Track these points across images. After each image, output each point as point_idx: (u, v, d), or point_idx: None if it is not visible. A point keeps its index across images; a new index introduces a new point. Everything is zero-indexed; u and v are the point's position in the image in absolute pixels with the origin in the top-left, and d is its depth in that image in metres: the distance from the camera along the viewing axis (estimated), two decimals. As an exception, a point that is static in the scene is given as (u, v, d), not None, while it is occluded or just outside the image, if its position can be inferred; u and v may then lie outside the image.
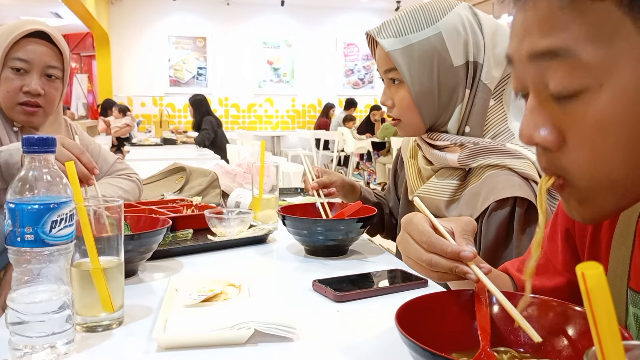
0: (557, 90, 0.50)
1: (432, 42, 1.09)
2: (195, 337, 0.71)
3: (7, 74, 1.32)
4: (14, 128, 1.37)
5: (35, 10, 9.62)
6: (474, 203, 1.05)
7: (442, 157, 1.13)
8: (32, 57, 1.33)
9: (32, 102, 1.34)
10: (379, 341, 0.74)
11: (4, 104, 1.34)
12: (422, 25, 1.10)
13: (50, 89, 1.36)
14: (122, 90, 9.60)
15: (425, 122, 1.14)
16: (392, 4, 9.86)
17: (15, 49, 1.31)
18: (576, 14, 0.48)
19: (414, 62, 1.10)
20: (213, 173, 1.76)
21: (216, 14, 9.83)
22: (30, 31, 1.32)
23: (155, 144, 6.06)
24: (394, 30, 1.12)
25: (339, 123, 8.70)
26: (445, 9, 1.12)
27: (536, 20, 0.50)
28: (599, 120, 0.48)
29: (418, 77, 1.10)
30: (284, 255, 1.19)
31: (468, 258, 0.64)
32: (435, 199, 1.13)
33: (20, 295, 0.65)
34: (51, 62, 1.36)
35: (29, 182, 0.65)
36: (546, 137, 0.52)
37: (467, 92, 1.11)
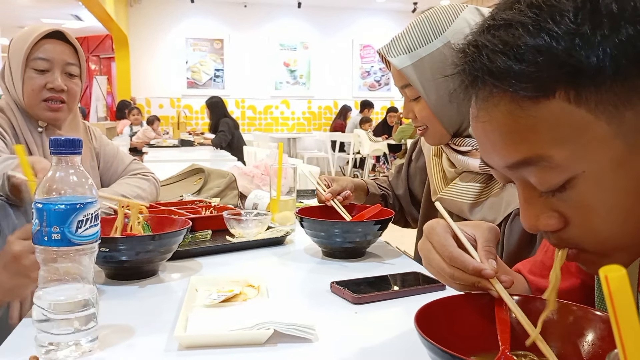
0: (542, 189, 0.52)
1: (442, 52, 1.08)
2: (215, 336, 0.72)
3: (30, 74, 1.38)
4: (38, 129, 1.42)
5: (55, 12, 9.77)
6: (497, 207, 1.04)
7: (464, 162, 1.12)
8: (52, 55, 1.38)
9: (57, 98, 1.39)
10: (397, 343, 0.74)
11: (29, 102, 1.38)
12: (430, 37, 1.09)
13: (71, 85, 1.42)
14: (141, 91, 9.70)
15: (448, 130, 1.14)
16: (408, 5, 9.83)
17: (35, 50, 1.37)
18: (533, 122, 0.48)
19: (426, 75, 1.10)
20: (231, 175, 1.77)
21: (233, 16, 9.89)
22: (48, 32, 1.38)
23: (172, 145, 6.12)
24: (403, 47, 1.11)
25: (355, 125, 8.70)
26: (451, 16, 1.10)
27: (498, 134, 0.51)
28: (593, 201, 0.50)
29: (433, 89, 1.10)
30: (302, 256, 1.20)
31: (489, 276, 0.64)
32: (458, 202, 1.13)
33: (46, 293, 0.67)
34: (70, 59, 1.42)
35: (56, 182, 0.66)
36: (549, 223, 0.53)
37: None
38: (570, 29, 0.45)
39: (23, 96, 1.38)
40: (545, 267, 0.81)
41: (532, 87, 0.47)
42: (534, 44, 0.46)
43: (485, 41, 0.49)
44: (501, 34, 0.48)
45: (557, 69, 0.46)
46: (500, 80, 0.48)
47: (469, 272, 0.65)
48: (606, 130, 0.47)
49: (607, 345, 0.55)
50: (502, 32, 0.48)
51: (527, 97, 0.48)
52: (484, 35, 0.50)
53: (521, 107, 0.48)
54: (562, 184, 0.50)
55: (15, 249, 0.78)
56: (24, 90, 1.38)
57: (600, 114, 0.47)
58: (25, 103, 1.39)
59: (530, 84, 0.47)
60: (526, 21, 0.47)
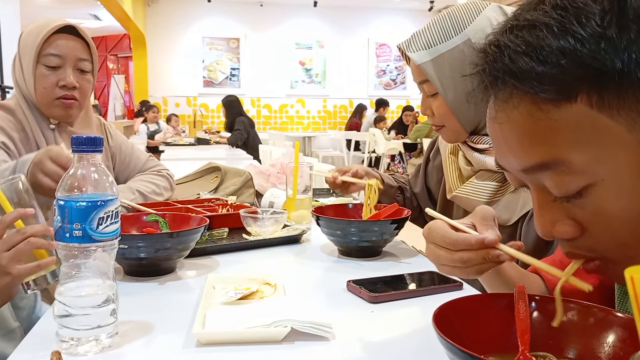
0: (559, 194, 0.51)
1: (462, 50, 1.07)
2: (233, 333, 0.73)
3: (42, 71, 1.36)
4: (50, 126, 1.41)
5: (74, 12, 9.89)
6: (513, 207, 1.04)
7: (481, 160, 1.12)
8: (64, 51, 1.36)
9: (69, 96, 1.38)
10: (413, 343, 0.74)
11: (42, 100, 1.37)
12: (451, 33, 1.08)
13: (83, 82, 1.40)
14: (158, 90, 9.78)
15: (465, 127, 1.13)
16: (425, 4, 9.77)
17: (47, 46, 1.35)
18: (553, 125, 0.48)
19: (445, 72, 1.09)
20: (247, 173, 1.78)
21: (249, 15, 9.93)
22: (60, 26, 1.36)
23: (189, 144, 6.16)
24: (423, 42, 1.11)
25: (371, 124, 8.68)
26: (472, 13, 1.09)
27: (515, 136, 0.51)
28: (611, 208, 0.49)
29: (451, 87, 1.09)
30: (318, 255, 1.20)
31: (493, 241, 0.64)
32: (473, 200, 1.12)
33: (67, 289, 0.68)
34: (82, 55, 1.40)
35: (78, 180, 0.67)
36: (565, 230, 0.52)
37: None
38: (596, 32, 0.44)
39: (35, 93, 1.37)
40: (564, 266, 0.80)
41: (554, 89, 0.46)
42: (559, 45, 0.45)
43: (508, 41, 0.49)
44: (524, 35, 0.48)
45: (581, 72, 0.45)
46: (522, 82, 0.48)
47: (474, 247, 0.65)
48: (627, 137, 0.46)
49: (629, 347, 0.55)
50: (526, 32, 0.48)
51: (549, 100, 0.47)
52: (507, 35, 0.50)
53: (542, 110, 0.48)
54: (579, 190, 0.49)
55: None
56: (36, 88, 1.37)
57: (622, 120, 0.46)
58: (37, 100, 1.38)
59: (552, 86, 0.46)
60: (551, 22, 0.46)
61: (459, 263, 0.67)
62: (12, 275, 0.79)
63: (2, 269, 0.79)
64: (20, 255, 0.80)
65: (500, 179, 1.10)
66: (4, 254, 0.79)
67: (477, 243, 0.65)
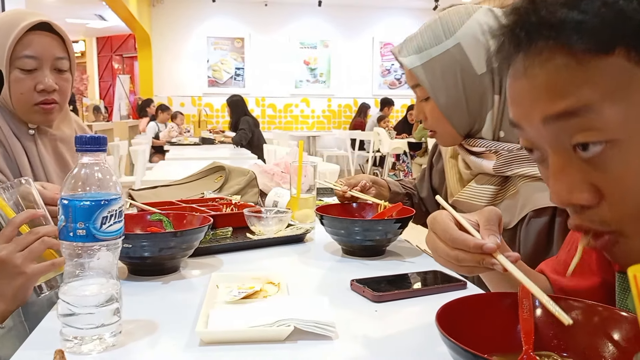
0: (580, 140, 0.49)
1: (453, 54, 1.07)
2: (236, 332, 0.73)
3: (17, 75, 1.21)
4: (29, 131, 1.27)
5: (79, 12, 9.93)
6: (512, 210, 1.03)
7: (478, 164, 1.12)
8: (40, 52, 1.21)
9: (49, 100, 1.24)
10: (417, 342, 0.74)
11: (20, 107, 1.23)
12: (441, 38, 1.09)
13: (62, 82, 1.27)
14: (163, 90, 9.81)
15: (459, 131, 1.13)
16: (430, 3, 9.75)
17: (20, 47, 1.19)
18: (587, 73, 0.47)
19: (436, 77, 1.09)
20: (251, 172, 1.78)
21: (254, 15, 9.94)
22: (33, 24, 1.20)
23: (194, 143, 6.18)
24: (414, 47, 1.11)
25: (375, 123, 8.67)
26: (463, 18, 1.09)
27: (544, 85, 0.50)
28: (633, 174, 0.48)
29: (442, 90, 1.10)
30: (322, 254, 1.20)
31: (491, 250, 0.63)
32: (474, 204, 1.12)
33: (71, 287, 0.68)
34: (59, 53, 1.25)
35: (82, 179, 0.68)
36: (584, 196, 0.51)
37: (496, 98, 1.09)
38: None
39: (11, 99, 1.22)
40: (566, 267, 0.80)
41: (592, 41, 0.46)
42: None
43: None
44: None
45: (621, 25, 0.45)
46: (559, 33, 0.47)
47: (471, 250, 0.65)
48: None
49: (633, 346, 0.54)
50: None
51: (585, 51, 0.47)
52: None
53: (577, 61, 0.47)
54: (602, 148, 0.48)
55: (1, 254, 0.79)
56: (11, 94, 1.22)
57: None
58: (13, 107, 1.23)
59: (591, 37, 0.46)
60: None
61: (454, 260, 0.67)
62: (26, 274, 0.79)
63: (17, 269, 0.79)
64: (34, 254, 0.80)
65: (499, 183, 1.10)
66: (18, 254, 0.80)
67: (474, 247, 0.64)
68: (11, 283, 0.80)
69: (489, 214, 0.71)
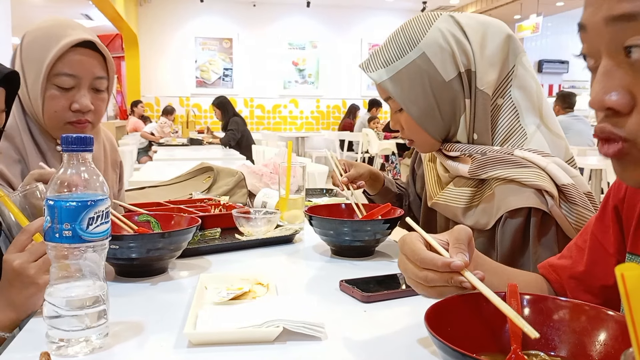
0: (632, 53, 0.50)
1: (418, 64, 1.09)
2: (225, 334, 0.72)
3: (53, 92, 1.16)
4: (57, 147, 1.23)
5: (66, 11, 9.84)
6: (489, 212, 1.05)
7: (455, 167, 1.13)
8: (80, 71, 1.17)
9: (83, 120, 1.19)
10: (406, 342, 0.74)
11: (51, 124, 1.19)
12: (405, 49, 1.10)
13: (98, 102, 1.22)
14: (150, 90, 9.75)
15: (435, 138, 1.15)
16: (418, 4, 9.81)
17: (60, 64, 1.15)
18: None
19: (405, 88, 1.10)
20: (240, 173, 1.77)
21: (242, 15, 9.91)
22: (76, 42, 1.15)
23: (182, 144, 6.15)
24: (381, 61, 1.12)
25: (364, 124, 8.69)
26: (424, 27, 1.10)
27: None
28: None
29: (413, 101, 1.11)
30: (311, 255, 1.20)
31: (458, 267, 0.63)
32: (452, 206, 1.13)
33: (57, 289, 0.68)
34: (99, 73, 1.21)
35: (67, 180, 0.67)
36: (618, 100, 0.52)
37: (467, 102, 1.10)
38: None
39: (43, 115, 1.18)
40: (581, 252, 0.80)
41: None
42: None
43: None
44: None
45: None
46: None
47: (439, 269, 0.64)
48: None
49: (620, 345, 0.55)
50: None
51: None
52: None
53: None
54: None
55: (15, 263, 0.78)
56: (45, 110, 1.17)
57: None
58: (45, 123, 1.19)
59: None
60: None
61: (423, 281, 0.67)
62: (39, 285, 0.78)
63: (30, 279, 0.78)
64: (48, 265, 0.77)
65: (475, 185, 1.11)
66: (32, 264, 0.78)
67: (442, 266, 0.64)
68: (23, 292, 0.79)
69: (458, 233, 0.70)
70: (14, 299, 0.79)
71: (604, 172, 4.53)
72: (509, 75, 1.11)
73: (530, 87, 1.11)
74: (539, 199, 0.99)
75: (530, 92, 1.11)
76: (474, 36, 1.09)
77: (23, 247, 0.80)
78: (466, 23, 1.10)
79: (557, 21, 10.96)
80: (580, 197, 1.02)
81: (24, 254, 0.79)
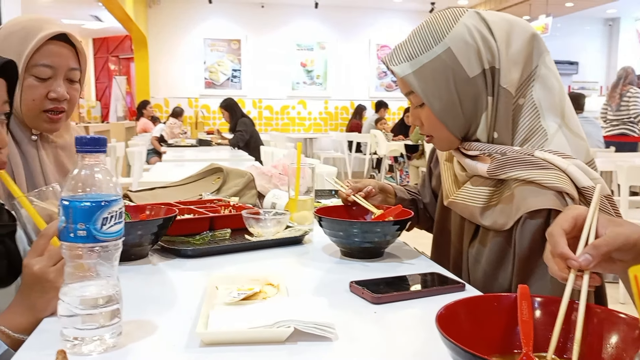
0: None
1: (443, 59, 1.08)
2: (236, 333, 0.73)
3: (31, 82, 1.23)
4: (32, 137, 1.29)
5: (75, 12, 9.91)
6: (507, 212, 1.04)
7: (473, 166, 1.12)
8: (57, 62, 1.24)
9: (59, 108, 1.27)
10: (416, 343, 0.74)
11: (28, 112, 1.25)
12: (430, 44, 1.09)
13: (72, 92, 1.29)
14: (159, 92, 9.79)
15: (455, 135, 1.14)
16: (426, 5, 9.78)
17: (38, 55, 1.22)
18: None
19: (428, 83, 1.09)
20: (249, 174, 1.78)
21: (251, 17, 9.94)
22: (53, 34, 1.23)
23: (190, 145, 6.17)
24: (405, 55, 1.11)
25: (372, 125, 8.68)
26: (450, 22, 1.10)
27: None
28: None
29: (436, 96, 1.10)
30: (320, 256, 1.20)
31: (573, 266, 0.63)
32: (470, 206, 1.12)
33: (71, 289, 0.68)
34: (73, 64, 1.28)
35: (82, 180, 0.68)
36: None
37: (489, 99, 1.10)
38: None
39: (20, 104, 1.23)
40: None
41: None
42: None
43: None
44: None
45: None
46: None
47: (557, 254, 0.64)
48: None
49: (632, 348, 0.55)
50: None
51: None
52: None
53: None
54: None
55: (35, 268, 0.79)
56: (22, 99, 1.23)
57: None
58: (22, 112, 1.25)
59: None
60: None
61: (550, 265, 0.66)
62: (58, 289, 0.78)
63: (50, 284, 0.79)
64: None
65: (494, 185, 1.10)
66: (52, 269, 0.79)
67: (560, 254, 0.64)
68: (44, 296, 0.80)
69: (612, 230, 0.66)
70: (34, 302, 0.80)
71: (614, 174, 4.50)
72: (531, 74, 1.10)
73: (553, 87, 1.11)
74: (559, 201, 0.99)
75: (552, 92, 1.10)
76: (499, 33, 1.09)
77: (42, 251, 0.81)
78: (492, 20, 1.10)
79: (566, 22, 10.90)
80: (601, 201, 1.01)
81: (43, 259, 0.79)
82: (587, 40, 11.98)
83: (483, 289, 1.04)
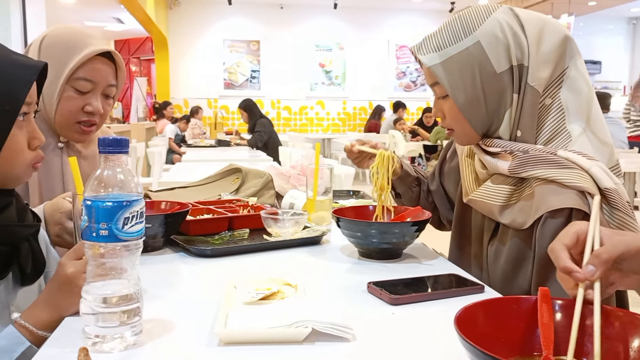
0: None
1: (471, 52, 1.07)
2: (254, 333, 0.73)
3: (70, 94, 1.27)
4: (59, 144, 1.34)
5: (98, 15, 10.05)
6: (527, 211, 1.03)
7: (494, 164, 1.11)
8: (97, 77, 1.28)
9: (92, 121, 1.31)
10: (434, 345, 0.74)
11: (62, 121, 1.29)
12: (460, 36, 1.08)
13: (106, 107, 1.34)
14: (179, 92, 9.89)
15: (477, 130, 1.13)
16: (446, 5, 9.72)
17: (81, 70, 1.26)
18: None
19: (454, 75, 1.09)
20: (268, 174, 1.79)
21: (270, 17, 9.99)
22: (98, 52, 1.27)
23: (210, 145, 6.22)
24: (434, 45, 1.11)
25: (390, 125, 8.65)
26: (482, 16, 1.09)
27: None
28: None
29: (461, 89, 1.09)
30: (338, 256, 1.20)
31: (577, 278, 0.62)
32: (489, 204, 1.11)
33: (93, 287, 0.70)
34: (112, 81, 1.33)
35: (104, 180, 0.69)
36: None
37: (515, 97, 1.08)
38: None
39: (55, 113, 1.27)
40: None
41: None
42: None
43: None
44: None
45: None
46: None
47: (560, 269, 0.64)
48: None
49: (655, 352, 0.54)
50: None
51: None
52: None
53: None
54: None
55: (69, 271, 0.80)
56: (59, 108, 1.27)
57: None
58: (55, 121, 1.29)
59: None
60: None
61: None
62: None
63: (78, 289, 0.77)
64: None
65: (515, 183, 1.09)
66: (84, 275, 0.79)
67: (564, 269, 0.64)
68: (69, 299, 0.81)
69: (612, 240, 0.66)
70: (60, 302, 0.82)
71: (638, 175, 4.42)
72: (561, 75, 1.09)
73: (581, 91, 1.09)
74: (581, 200, 0.97)
75: (580, 96, 1.09)
76: (531, 31, 1.08)
77: (81, 255, 0.82)
78: (525, 18, 1.09)
79: (589, 21, 10.74)
80: (622, 203, 1.00)
81: (79, 263, 0.81)
82: (610, 39, 11.78)
83: (502, 288, 1.03)
